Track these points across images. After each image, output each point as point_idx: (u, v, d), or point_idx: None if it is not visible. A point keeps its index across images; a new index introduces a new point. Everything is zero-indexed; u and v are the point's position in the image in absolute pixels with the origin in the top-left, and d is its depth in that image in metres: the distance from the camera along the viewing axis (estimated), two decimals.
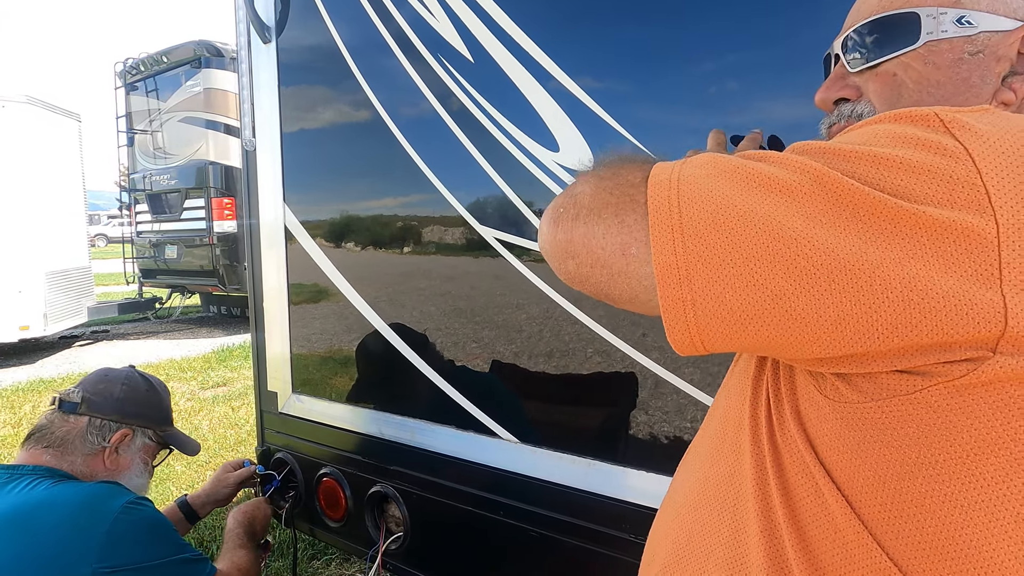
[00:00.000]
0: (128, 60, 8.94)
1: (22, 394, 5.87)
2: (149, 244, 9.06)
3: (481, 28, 1.43)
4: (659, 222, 0.51)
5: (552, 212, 0.61)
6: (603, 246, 0.56)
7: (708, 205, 0.50)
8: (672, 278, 0.50)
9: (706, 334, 0.51)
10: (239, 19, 1.90)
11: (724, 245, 0.48)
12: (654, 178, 0.54)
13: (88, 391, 1.52)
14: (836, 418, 0.50)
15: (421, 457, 1.61)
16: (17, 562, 1.21)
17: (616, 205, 0.56)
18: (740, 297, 0.48)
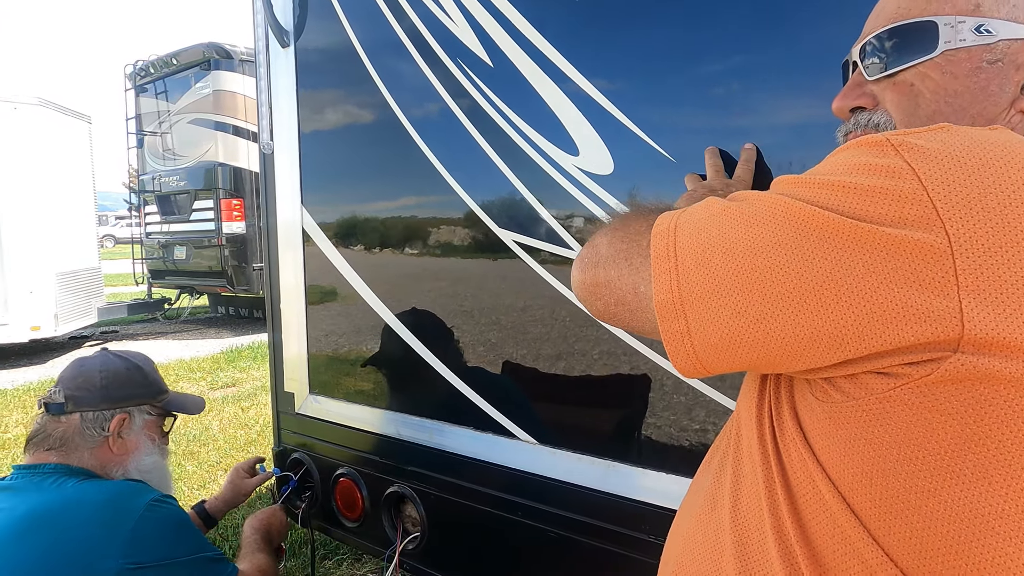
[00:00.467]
0: (138, 62, 9.00)
1: (33, 394, 5.91)
2: (158, 245, 9.12)
3: (499, 31, 1.44)
4: (659, 265, 0.59)
5: (579, 261, 0.73)
6: (620, 287, 0.65)
7: (697, 247, 0.57)
8: (670, 312, 0.57)
9: (704, 359, 0.57)
10: (257, 23, 1.91)
11: (711, 280, 0.55)
12: (657, 227, 0.62)
13: (69, 388, 1.48)
14: (826, 417, 0.54)
15: (439, 458, 1.63)
16: (45, 559, 1.23)
17: (627, 252, 0.65)
18: (727, 324, 0.54)
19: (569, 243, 1.36)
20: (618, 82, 1.31)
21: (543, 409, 1.51)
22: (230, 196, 8.09)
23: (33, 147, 6.86)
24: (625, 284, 0.64)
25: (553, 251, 1.39)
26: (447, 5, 1.53)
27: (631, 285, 0.64)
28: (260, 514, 1.80)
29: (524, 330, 1.49)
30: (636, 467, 1.31)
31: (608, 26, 1.33)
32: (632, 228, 0.68)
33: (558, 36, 1.37)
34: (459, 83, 1.52)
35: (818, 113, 1.10)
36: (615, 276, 0.66)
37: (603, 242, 0.69)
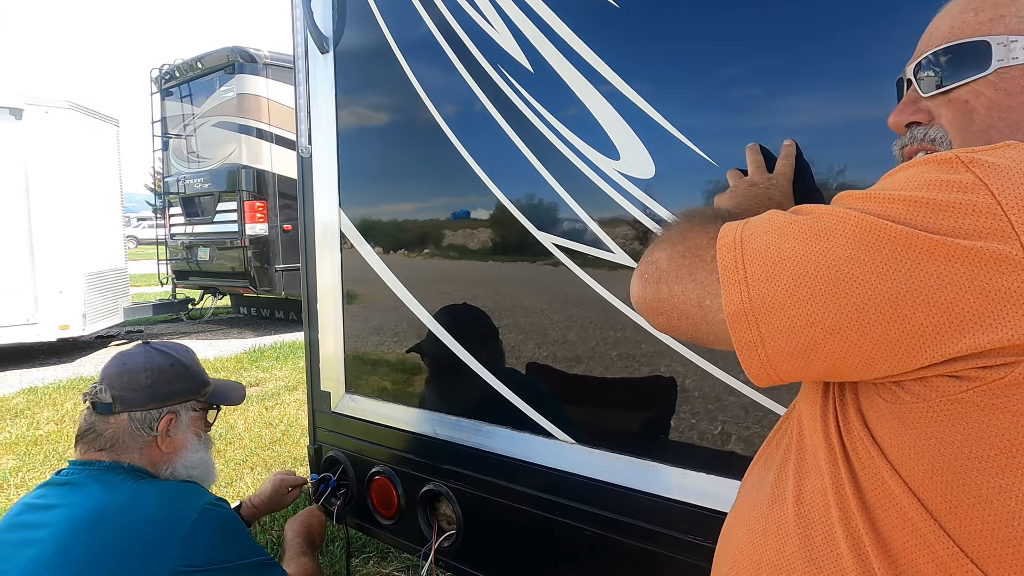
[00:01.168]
0: (164, 66, 9.14)
1: (63, 392, 6.03)
2: (182, 246, 9.25)
3: (540, 38, 1.46)
4: (728, 277, 0.60)
5: (639, 277, 0.74)
6: (684, 302, 0.66)
7: (766, 259, 0.58)
8: (742, 323, 0.59)
9: (777, 367, 0.59)
10: (296, 30, 1.96)
11: (783, 291, 0.56)
12: (722, 239, 0.63)
13: (115, 387, 1.48)
14: (894, 418, 0.56)
15: (476, 457, 1.65)
16: (106, 558, 1.26)
17: (689, 267, 0.67)
18: (801, 334, 0.56)
19: (610, 246, 1.38)
20: (658, 86, 1.33)
21: (581, 409, 1.53)
22: (253, 198, 8.19)
23: (63, 150, 7.00)
24: (690, 299, 0.66)
25: (594, 254, 1.41)
26: (485, 10, 1.56)
27: (696, 299, 0.65)
28: (300, 516, 1.83)
29: (563, 331, 1.52)
30: (675, 467, 1.33)
31: (647, 30, 1.35)
32: (692, 242, 0.68)
33: (597, 40, 1.40)
34: (498, 87, 1.54)
35: (858, 115, 1.12)
36: (679, 291, 0.67)
37: (663, 257, 0.70)
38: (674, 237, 0.72)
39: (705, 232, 0.68)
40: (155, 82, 9.29)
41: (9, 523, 1.35)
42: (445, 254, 1.76)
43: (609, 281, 1.40)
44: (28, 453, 4.49)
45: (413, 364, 1.84)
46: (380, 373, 1.93)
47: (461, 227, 1.72)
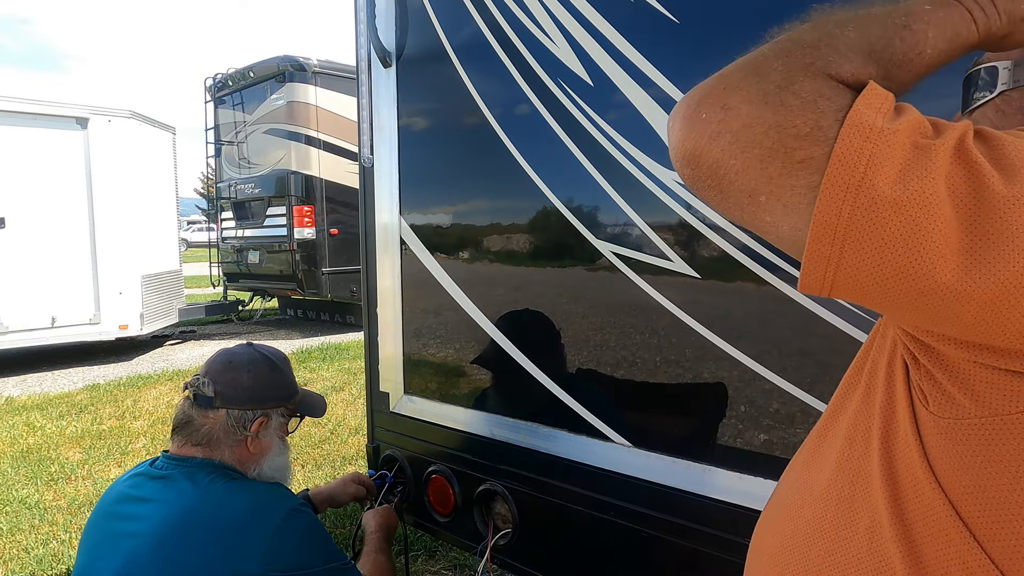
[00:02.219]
0: (217, 75, 9.46)
1: (123, 389, 6.29)
2: (233, 249, 9.54)
3: (599, 51, 1.51)
4: (839, 177, 0.48)
5: (692, 112, 0.55)
6: (732, 181, 0.53)
7: (895, 184, 0.47)
8: (826, 236, 0.49)
9: (838, 288, 0.51)
10: (360, 45, 2.04)
11: (893, 233, 0.47)
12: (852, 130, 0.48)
13: (218, 383, 1.53)
14: (939, 432, 0.54)
15: (532, 458, 1.70)
16: (197, 557, 1.33)
17: (768, 149, 0.50)
18: (889, 281, 0.48)
19: (668, 254, 1.42)
20: None
21: (639, 414, 1.57)
22: (301, 203, 8.41)
23: (124, 157, 7.31)
24: (744, 183, 0.52)
25: (652, 262, 1.45)
26: (545, 24, 1.61)
27: (751, 188, 0.52)
28: (381, 511, 1.90)
29: (620, 336, 1.56)
30: (733, 471, 1.36)
31: (706, 42, 1.38)
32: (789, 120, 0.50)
33: (655, 52, 1.43)
34: (560, 103, 1.59)
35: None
36: (739, 168, 0.52)
37: (740, 111, 0.52)
38: (772, 84, 0.52)
39: (815, 105, 0.50)
40: (209, 91, 9.62)
41: (109, 511, 1.44)
42: (502, 260, 1.81)
43: (666, 288, 1.44)
44: (93, 447, 4.70)
45: (470, 367, 1.90)
46: (438, 375, 1.99)
47: (518, 233, 1.77)
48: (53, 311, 6.93)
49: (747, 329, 1.34)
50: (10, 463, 4.40)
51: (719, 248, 1.35)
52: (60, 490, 3.99)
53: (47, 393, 6.25)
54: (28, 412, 5.55)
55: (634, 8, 1.44)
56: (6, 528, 3.47)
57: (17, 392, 6.33)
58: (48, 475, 4.20)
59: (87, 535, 1.44)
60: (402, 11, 1.95)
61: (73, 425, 5.21)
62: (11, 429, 5.10)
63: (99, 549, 1.38)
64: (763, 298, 1.30)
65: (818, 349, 1.25)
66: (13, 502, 3.79)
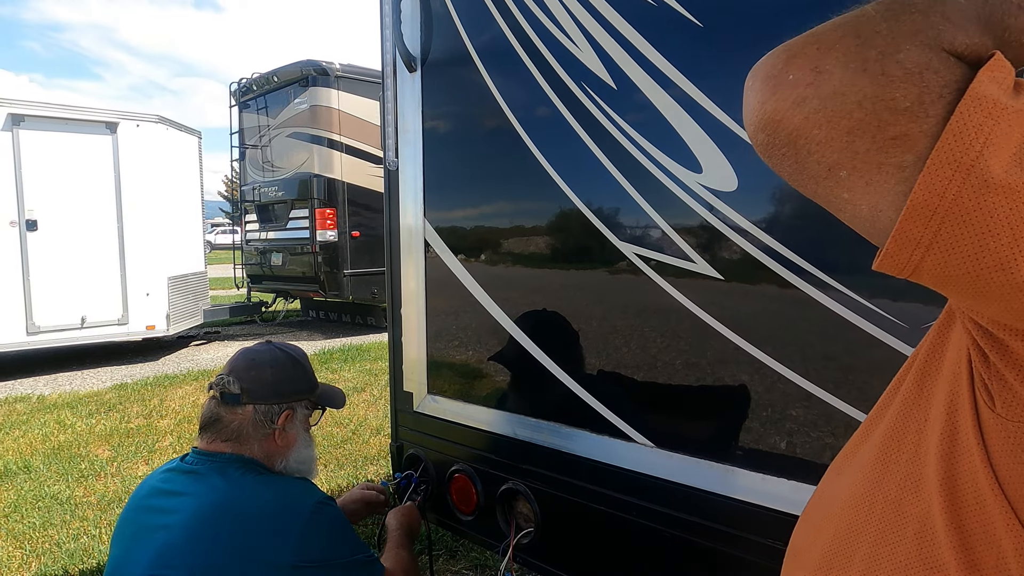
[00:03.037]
0: (242, 80, 9.61)
1: (149, 388, 6.41)
2: (256, 251, 9.67)
3: (623, 55, 1.52)
4: (950, 152, 0.43)
5: (779, 72, 0.51)
6: (811, 150, 0.49)
7: (1012, 166, 0.42)
8: (922, 216, 0.44)
9: (920, 273, 0.47)
10: (386, 50, 2.07)
11: (1003, 221, 0.42)
12: (972, 102, 0.43)
13: (244, 380, 1.57)
14: (1004, 436, 0.51)
15: (554, 457, 1.71)
16: (230, 549, 1.36)
17: (859, 122, 0.46)
18: (982, 272, 0.44)
19: (692, 257, 1.43)
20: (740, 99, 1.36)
21: (661, 414, 1.57)
22: (324, 206, 8.51)
23: (152, 160, 7.47)
24: (826, 155, 0.48)
25: (676, 264, 1.46)
26: (569, 28, 1.63)
27: (833, 162, 0.48)
28: (403, 509, 1.93)
29: (642, 338, 1.57)
30: (755, 472, 1.36)
31: (730, 46, 1.39)
32: (892, 88, 0.45)
33: (679, 56, 1.44)
34: (580, 102, 1.61)
35: None
36: (817, 137, 0.48)
37: (834, 76, 0.47)
38: (874, 50, 0.46)
39: (920, 76, 0.45)
40: (233, 95, 9.77)
41: (141, 505, 1.49)
42: (525, 261, 1.83)
43: (689, 289, 1.45)
44: (121, 445, 4.81)
45: (493, 367, 1.92)
46: (461, 375, 2.02)
47: (541, 235, 1.79)
48: (83, 311, 7.09)
49: (770, 331, 1.35)
50: (42, 460, 4.51)
51: (742, 250, 1.35)
52: (90, 486, 4.08)
53: (77, 392, 6.40)
54: (59, 410, 5.68)
55: (656, 11, 1.46)
56: (38, 523, 3.56)
57: (48, 391, 6.48)
58: (79, 472, 4.29)
59: (120, 529, 1.48)
60: (427, 16, 1.98)
61: (102, 423, 5.33)
62: (43, 427, 5.23)
63: (132, 542, 1.42)
64: (786, 300, 1.30)
65: (842, 351, 1.25)
66: (45, 498, 3.89)
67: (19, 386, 6.70)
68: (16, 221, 6.70)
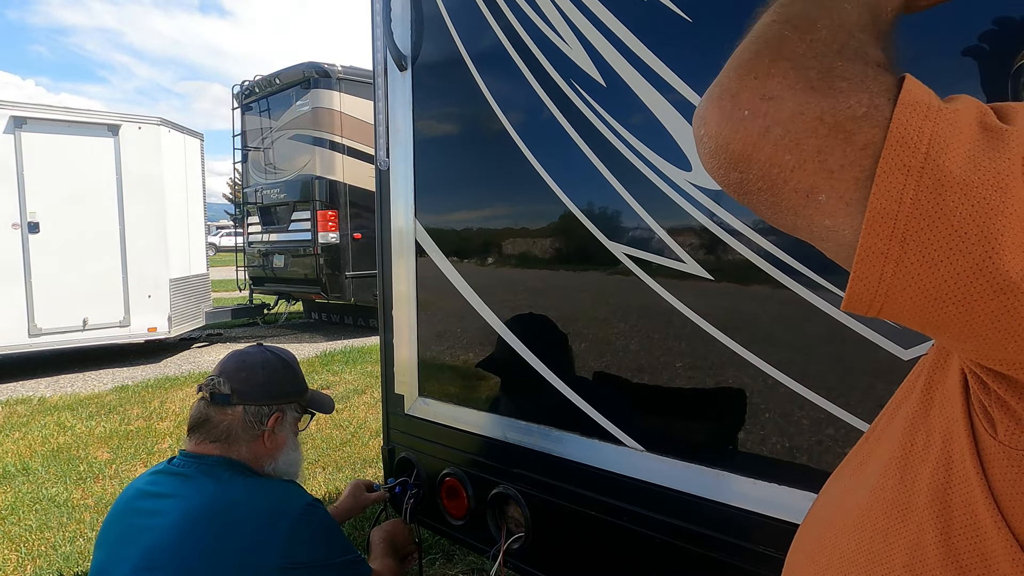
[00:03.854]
0: (244, 82, 9.63)
1: (151, 390, 6.41)
2: (259, 254, 9.68)
3: (612, 51, 1.50)
4: (896, 159, 0.43)
5: (731, 111, 0.49)
6: (787, 180, 0.48)
7: (964, 165, 0.42)
8: (884, 227, 0.44)
9: (893, 298, 0.46)
10: (376, 49, 2.05)
11: (966, 218, 0.41)
12: (907, 108, 0.44)
13: (234, 381, 1.56)
14: (1009, 464, 0.48)
15: (545, 461, 1.69)
16: (218, 551, 1.34)
17: (825, 138, 0.46)
18: (956, 277, 0.42)
19: (681, 256, 1.40)
20: None
21: (651, 417, 1.55)
22: (326, 208, 8.52)
23: (154, 163, 7.48)
24: (801, 180, 0.47)
25: (665, 264, 1.43)
26: (558, 25, 1.60)
27: (808, 186, 0.47)
28: (386, 525, 1.91)
29: (632, 340, 1.54)
30: (746, 477, 1.33)
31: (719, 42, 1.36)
32: (841, 103, 0.46)
33: (668, 52, 1.42)
34: (570, 100, 1.58)
35: None
36: (789, 164, 0.47)
37: (785, 102, 0.47)
38: (813, 70, 0.48)
39: (865, 84, 0.46)
40: (236, 98, 9.79)
41: (128, 507, 1.47)
42: (516, 262, 1.81)
43: (679, 290, 1.42)
44: (120, 447, 4.80)
45: (484, 370, 1.90)
46: (452, 377, 1.99)
47: (532, 236, 1.76)
48: (85, 313, 7.10)
49: (760, 332, 1.32)
50: (41, 462, 4.51)
51: (732, 249, 1.33)
52: (88, 489, 4.07)
53: (78, 394, 6.40)
54: (59, 412, 5.68)
55: (646, 8, 1.43)
56: (35, 525, 3.55)
57: (50, 392, 6.49)
58: (77, 474, 4.29)
59: (105, 531, 1.46)
60: (418, 15, 1.96)
61: (102, 425, 5.32)
62: (43, 429, 5.23)
63: (118, 544, 1.40)
64: (777, 300, 1.27)
65: (833, 353, 1.23)
66: (43, 500, 3.88)
67: (20, 388, 6.71)
68: (18, 223, 6.71)
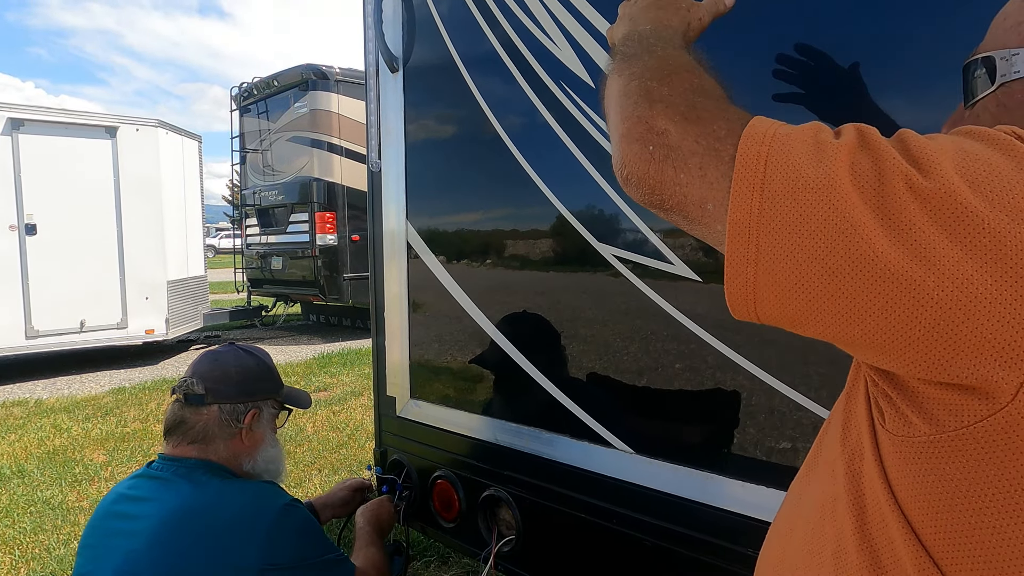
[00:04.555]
0: (243, 84, 9.63)
1: (148, 392, 6.41)
2: (257, 255, 9.67)
3: (602, 54, 1.50)
4: (743, 180, 0.52)
5: (639, 145, 0.61)
6: (688, 194, 0.57)
7: (792, 176, 0.50)
8: (742, 235, 0.52)
9: (761, 296, 0.53)
10: (368, 51, 2.05)
11: (797, 218, 0.49)
12: (749, 137, 0.54)
13: (207, 380, 1.56)
14: (896, 452, 0.53)
15: (535, 463, 1.68)
16: (195, 552, 1.34)
17: (702, 156, 0.57)
18: (799, 268, 0.50)
19: (670, 258, 1.40)
20: None
21: (641, 420, 1.54)
22: (324, 209, 8.51)
23: (152, 164, 7.47)
24: (693, 194, 0.57)
25: (654, 265, 1.43)
26: (548, 27, 1.60)
27: (699, 198, 0.57)
28: (371, 505, 1.91)
29: (622, 341, 1.53)
30: (736, 480, 1.33)
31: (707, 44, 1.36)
32: (710, 127, 0.57)
33: None
34: (560, 102, 1.58)
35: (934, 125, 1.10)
36: (685, 181, 0.57)
37: (671, 132, 0.59)
38: (682, 106, 0.60)
39: (727, 122, 0.58)
40: (234, 100, 9.79)
41: (107, 511, 1.46)
42: (507, 264, 1.81)
43: (668, 292, 1.42)
44: (116, 449, 4.79)
45: (475, 371, 1.89)
46: (443, 379, 1.99)
47: (523, 238, 1.76)
48: (82, 315, 7.09)
49: (748, 334, 1.32)
50: (36, 464, 4.50)
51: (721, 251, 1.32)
52: (83, 491, 4.06)
53: (74, 396, 6.39)
54: (56, 414, 5.67)
55: None
56: (29, 528, 3.55)
57: (46, 394, 6.48)
58: (72, 476, 4.28)
59: (86, 537, 1.46)
60: (409, 17, 1.96)
61: (98, 427, 5.32)
62: (39, 431, 5.22)
63: (98, 549, 1.40)
64: None
65: (822, 355, 1.22)
66: (37, 502, 3.87)
67: (17, 390, 6.70)
68: (16, 225, 6.71)
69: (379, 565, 1.67)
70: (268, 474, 1.62)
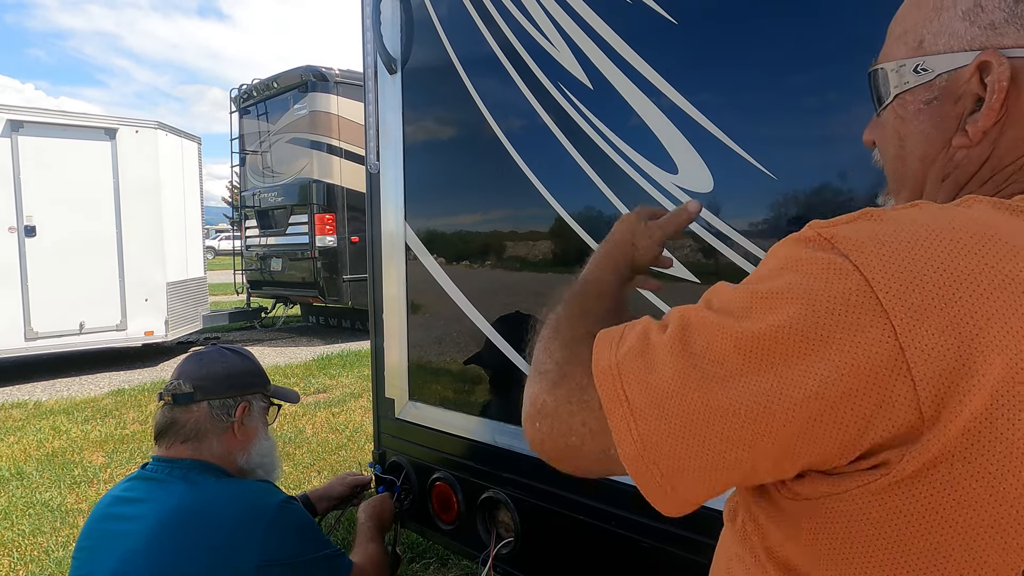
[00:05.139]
0: (242, 86, 9.63)
1: (147, 394, 6.40)
2: (256, 257, 9.67)
3: (599, 55, 1.50)
4: (616, 422, 0.56)
5: (532, 424, 0.66)
6: (589, 452, 0.61)
7: (646, 393, 0.54)
8: (641, 465, 0.55)
9: (683, 497, 0.57)
10: (367, 52, 2.05)
11: (675, 426, 0.53)
12: (599, 376, 0.58)
13: (194, 379, 1.56)
14: (773, 513, 0.58)
15: (534, 465, 1.68)
16: (194, 553, 1.34)
17: (581, 416, 0.61)
18: (695, 462, 0.53)
19: None
20: (716, 100, 1.34)
21: None
22: (323, 211, 8.51)
23: (151, 166, 7.47)
24: (592, 450, 0.61)
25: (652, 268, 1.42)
26: (546, 28, 1.60)
27: (598, 450, 0.60)
28: (372, 501, 1.92)
29: None
30: None
31: (705, 44, 1.36)
32: (572, 382, 0.63)
33: (655, 55, 1.42)
34: (557, 103, 1.58)
35: None
36: (577, 443, 0.62)
37: (549, 401, 0.64)
38: (550, 371, 0.66)
39: (579, 363, 0.63)
40: (234, 101, 9.79)
41: (103, 513, 1.46)
42: (505, 266, 1.80)
43: (665, 295, 1.41)
44: (116, 451, 4.78)
45: (473, 373, 1.89)
46: (442, 381, 1.99)
47: (521, 240, 1.76)
48: (81, 317, 7.08)
49: None
50: (35, 466, 4.49)
51: (719, 253, 1.32)
52: (82, 493, 4.06)
53: (74, 397, 6.39)
54: (55, 416, 5.67)
55: (633, 11, 1.43)
56: (28, 530, 3.54)
57: (46, 396, 6.48)
58: (71, 478, 4.27)
59: (82, 540, 1.45)
60: (407, 18, 1.96)
61: (97, 429, 5.31)
62: (38, 433, 5.21)
63: (94, 551, 1.39)
64: None
65: None
66: (36, 504, 3.87)
67: (17, 392, 6.69)
68: (15, 227, 6.70)
69: (378, 561, 1.67)
70: (263, 469, 1.62)
